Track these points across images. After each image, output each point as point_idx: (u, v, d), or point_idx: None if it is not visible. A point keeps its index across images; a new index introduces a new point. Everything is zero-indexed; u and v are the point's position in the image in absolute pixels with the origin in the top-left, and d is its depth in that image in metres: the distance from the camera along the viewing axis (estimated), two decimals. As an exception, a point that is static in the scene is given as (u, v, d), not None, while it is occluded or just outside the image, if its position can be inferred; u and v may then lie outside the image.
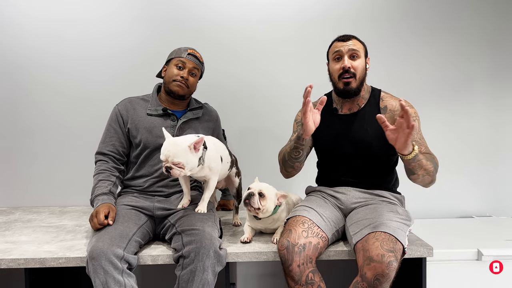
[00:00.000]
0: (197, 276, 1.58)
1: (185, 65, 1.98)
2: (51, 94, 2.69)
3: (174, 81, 1.97)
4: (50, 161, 2.72)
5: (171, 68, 2.00)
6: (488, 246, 2.04)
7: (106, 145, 1.98)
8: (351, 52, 1.86)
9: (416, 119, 1.84)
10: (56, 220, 2.30)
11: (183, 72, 1.98)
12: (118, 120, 2.00)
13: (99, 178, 1.90)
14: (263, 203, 1.80)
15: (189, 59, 1.99)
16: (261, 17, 2.71)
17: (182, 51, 2.01)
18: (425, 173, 1.71)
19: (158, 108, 2.01)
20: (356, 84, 1.86)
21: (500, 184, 2.82)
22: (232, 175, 2.03)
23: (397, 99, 1.90)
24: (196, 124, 2.05)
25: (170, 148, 1.67)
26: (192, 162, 1.69)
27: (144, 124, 1.97)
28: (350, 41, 1.87)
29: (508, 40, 2.77)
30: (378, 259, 1.53)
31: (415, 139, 1.80)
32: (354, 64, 1.85)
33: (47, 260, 1.68)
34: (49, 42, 2.68)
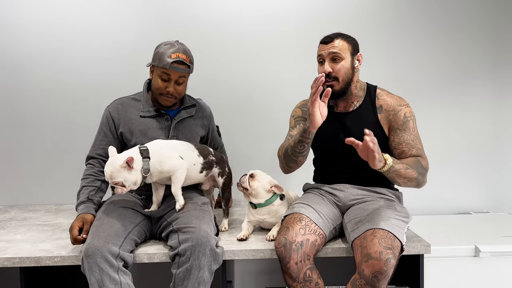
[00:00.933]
0: (193, 274, 1.57)
1: (170, 77, 1.86)
2: (47, 93, 2.68)
3: (161, 95, 1.89)
4: (46, 159, 2.70)
5: (157, 78, 1.88)
6: (486, 242, 2.03)
7: (96, 148, 1.94)
8: (332, 55, 1.81)
9: (410, 119, 1.82)
10: (51, 219, 2.28)
11: (168, 85, 1.87)
12: (109, 124, 1.94)
13: (83, 184, 1.86)
14: (252, 184, 1.83)
15: (174, 70, 1.84)
16: (259, 12, 2.70)
17: (167, 59, 1.84)
18: (406, 180, 1.70)
19: (151, 109, 1.94)
20: (340, 86, 1.83)
21: (498, 181, 2.82)
22: (215, 175, 1.96)
23: (393, 97, 1.88)
24: (190, 123, 2.01)
25: (107, 168, 1.68)
26: (130, 180, 1.68)
27: (138, 127, 1.92)
28: (332, 43, 1.81)
29: (508, 37, 2.76)
30: (376, 256, 1.52)
31: (407, 141, 1.79)
32: (336, 68, 1.81)
33: (42, 259, 1.67)
34: (46, 42, 2.66)
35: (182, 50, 1.88)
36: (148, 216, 1.84)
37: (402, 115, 1.82)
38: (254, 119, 2.74)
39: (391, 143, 1.84)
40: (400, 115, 1.83)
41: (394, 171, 1.65)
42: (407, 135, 1.81)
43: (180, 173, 1.79)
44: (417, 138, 1.82)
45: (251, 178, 1.85)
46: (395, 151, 1.83)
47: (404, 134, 1.81)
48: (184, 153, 1.83)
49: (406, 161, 1.73)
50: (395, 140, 1.82)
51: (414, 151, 1.79)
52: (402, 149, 1.80)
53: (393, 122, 1.83)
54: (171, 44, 1.88)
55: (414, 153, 1.78)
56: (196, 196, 1.91)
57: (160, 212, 1.84)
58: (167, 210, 1.83)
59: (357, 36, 1.88)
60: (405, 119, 1.82)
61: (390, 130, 1.85)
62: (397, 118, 1.83)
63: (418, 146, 1.80)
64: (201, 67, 2.66)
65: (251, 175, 1.86)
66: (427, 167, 1.76)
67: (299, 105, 2.05)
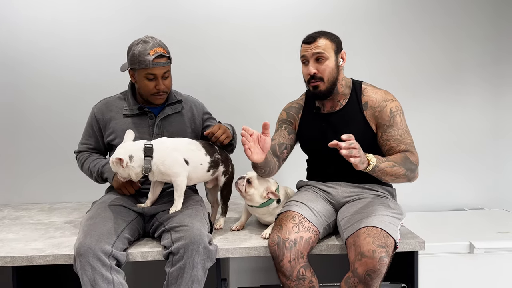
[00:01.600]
0: (186, 273, 1.56)
1: (155, 74, 1.81)
2: (41, 92, 2.66)
3: (153, 95, 1.86)
4: (40, 158, 2.68)
5: (142, 81, 1.83)
6: (480, 238, 2.04)
7: (83, 147, 2.00)
8: (315, 55, 1.78)
9: (397, 113, 1.80)
10: (45, 217, 2.27)
11: (157, 83, 1.83)
12: (93, 124, 1.96)
13: (92, 158, 1.94)
14: (248, 190, 1.80)
15: (157, 66, 1.79)
16: (256, 8, 2.68)
17: (147, 58, 1.77)
18: (393, 178, 1.71)
19: (134, 108, 1.91)
20: (325, 86, 1.81)
21: (493, 177, 2.82)
22: (219, 174, 1.90)
23: (379, 92, 1.85)
24: (178, 119, 1.96)
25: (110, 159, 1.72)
26: (122, 174, 1.70)
27: (121, 126, 1.89)
28: (315, 43, 1.78)
29: (504, 33, 2.76)
30: (369, 254, 1.52)
31: (395, 137, 1.78)
32: (320, 68, 1.79)
33: (34, 258, 1.66)
34: (44, 39, 2.63)
35: (158, 43, 1.82)
36: (141, 213, 1.82)
37: (388, 111, 1.80)
38: (249, 117, 2.72)
39: (379, 140, 1.83)
40: (386, 111, 1.80)
41: (380, 170, 1.65)
42: (394, 131, 1.79)
43: (181, 181, 1.76)
44: (406, 132, 1.80)
45: (248, 184, 1.81)
46: (383, 148, 1.82)
47: (391, 130, 1.79)
48: (190, 154, 1.78)
49: (393, 158, 1.72)
50: (383, 137, 1.81)
51: (403, 146, 1.77)
52: (390, 145, 1.79)
53: (380, 118, 1.81)
54: (143, 42, 1.82)
55: (402, 149, 1.77)
56: (190, 195, 1.90)
57: (153, 210, 1.82)
58: (159, 209, 1.81)
59: (355, 32, 1.88)
60: (392, 114, 1.80)
61: (378, 126, 1.83)
62: (383, 114, 1.80)
63: (406, 141, 1.79)
64: (196, 65, 2.66)
65: (248, 180, 1.82)
66: (416, 162, 1.76)
67: (286, 107, 2.03)
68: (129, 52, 1.84)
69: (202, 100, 2.13)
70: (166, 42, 1.90)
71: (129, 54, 1.84)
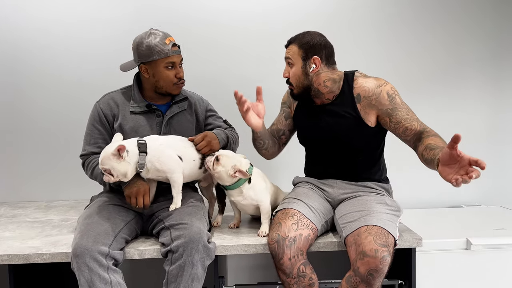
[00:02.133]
0: (186, 271, 1.55)
1: (174, 63, 1.81)
2: (39, 90, 2.64)
3: (174, 84, 1.83)
4: (37, 156, 2.66)
5: (162, 72, 1.80)
6: (477, 235, 2.04)
7: (92, 147, 1.86)
8: (287, 60, 1.82)
9: (395, 95, 1.76)
10: (41, 215, 2.26)
11: (177, 72, 1.82)
12: (101, 120, 1.86)
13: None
14: (216, 167, 1.73)
15: (176, 53, 1.80)
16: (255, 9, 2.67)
17: (165, 47, 1.77)
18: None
19: (142, 105, 1.86)
20: (297, 90, 1.83)
21: (490, 174, 2.81)
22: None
23: (369, 80, 1.79)
24: (183, 118, 1.93)
25: (102, 153, 1.67)
26: (119, 169, 1.64)
27: (129, 124, 1.84)
28: (288, 48, 1.82)
29: (505, 28, 2.76)
30: (371, 254, 1.52)
31: (405, 117, 1.73)
32: (291, 73, 1.82)
33: (31, 256, 1.65)
34: (42, 39, 2.61)
35: (167, 33, 1.83)
36: (139, 213, 1.81)
37: (385, 95, 1.75)
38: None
39: (390, 125, 1.77)
40: (383, 96, 1.75)
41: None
42: (400, 112, 1.74)
43: (177, 177, 1.75)
44: (410, 111, 1.77)
45: (216, 162, 1.73)
46: (398, 131, 1.76)
47: (397, 112, 1.75)
48: (183, 150, 1.78)
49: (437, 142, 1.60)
50: (393, 121, 1.75)
51: (415, 124, 1.72)
52: (405, 125, 1.73)
53: (379, 105, 1.76)
54: (153, 34, 1.80)
55: (417, 127, 1.71)
56: (189, 193, 1.89)
57: (152, 209, 1.81)
58: (159, 208, 1.81)
59: (354, 27, 1.86)
60: (390, 97, 1.75)
61: (380, 114, 1.77)
62: (382, 100, 1.75)
63: (415, 117, 1.75)
64: (196, 67, 2.64)
65: (217, 158, 1.74)
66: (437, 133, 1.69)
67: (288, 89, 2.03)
68: (139, 47, 1.79)
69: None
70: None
71: (139, 49, 1.79)
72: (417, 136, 1.71)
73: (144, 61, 1.80)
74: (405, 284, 1.81)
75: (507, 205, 2.67)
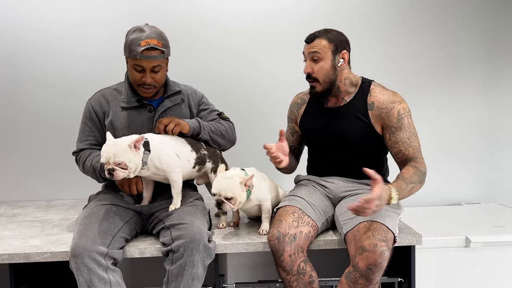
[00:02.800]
0: (186, 271, 1.55)
1: (143, 67, 1.73)
2: (38, 89, 2.64)
3: (139, 86, 1.79)
4: (37, 155, 2.66)
5: (130, 70, 1.77)
6: (477, 233, 2.05)
7: (83, 144, 1.87)
8: (312, 55, 1.77)
9: (405, 116, 1.77)
10: (42, 214, 2.26)
11: (144, 76, 1.75)
12: (92, 117, 1.85)
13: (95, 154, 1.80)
14: (233, 203, 1.66)
15: (146, 59, 1.71)
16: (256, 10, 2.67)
17: (136, 48, 1.70)
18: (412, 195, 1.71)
19: (133, 100, 1.83)
20: (321, 87, 1.80)
21: (489, 171, 2.84)
22: (208, 171, 1.90)
23: (387, 93, 1.81)
24: (177, 111, 1.89)
25: (109, 149, 1.61)
26: (135, 162, 1.62)
27: (120, 120, 1.83)
28: (312, 42, 1.77)
29: (503, 27, 2.77)
30: (370, 248, 1.52)
31: (403, 140, 1.75)
32: (315, 68, 1.78)
33: (31, 255, 1.65)
34: (42, 38, 2.61)
35: (153, 34, 1.73)
36: (139, 212, 1.81)
37: (395, 113, 1.77)
38: (251, 119, 2.72)
39: (388, 142, 1.80)
40: (393, 113, 1.77)
41: (401, 199, 1.64)
42: (402, 133, 1.76)
43: (177, 176, 1.75)
44: (413, 135, 1.78)
45: (230, 201, 1.66)
46: (392, 150, 1.81)
47: (399, 133, 1.76)
48: (178, 150, 1.77)
49: (408, 176, 1.68)
50: (391, 139, 1.78)
51: (411, 150, 1.75)
52: (399, 148, 1.77)
53: (387, 120, 1.78)
54: (139, 30, 1.74)
55: (410, 153, 1.75)
56: (188, 192, 1.89)
57: (152, 209, 1.81)
58: (158, 208, 1.80)
59: (355, 27, 1.87)
60: (399, 116, 1.76)
61: (385, 128, 1.80)
62: (391, 116, 1.77)
63: (414, 144, 1.76)
64: (195, 67, 2.65)
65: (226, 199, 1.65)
66: (425, 170, 1.74)
67: (292, 102, 2.05)
68: (125, 38, 1.78)
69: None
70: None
71: (125, 40, 1.78)
72: (405, 162, 1.77)
73: (124, 53, 1.79)
74: (404, 282, 1.82)
75: (506, 203, 2.68)
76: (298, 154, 2.07)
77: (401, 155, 1.77)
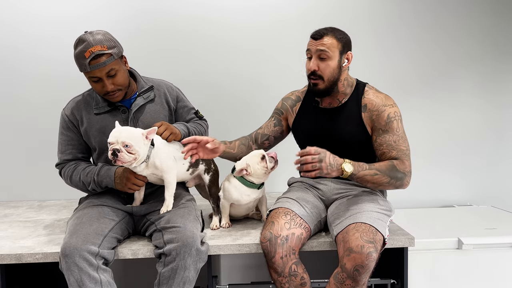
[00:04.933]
0: (178, 274, 1.55)
1: (98, 77, 1.68)
2: (30, 89, 2.62)
3: (105, 95, 1.74)
4: (29, 154, 2.65)
5: (91, 83, 1.73)
6: (469, 235, 2.06)
7: (65, 154, 1.84)
8: (319, 52, 1.75)
9: (394, 119, 1.77)
10: (34, 215, 2.25)
11: (104, 84, 1.69)
12: (69, 126, 1.82)
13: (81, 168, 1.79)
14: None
15: (95, 68, 1.65)
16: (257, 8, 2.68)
17: (83, 61, 1.65)
18: (375, 185, 1.70)
19: (104, 105, 1.79)
20: (324, 85, 1.79)
21: (481, 173, 2.85)
22: (201, 173, 1.89)
23: (380, 96, 1.82)
24: (151, 108, 1.85)
25: (123, 130, 1.61)
26: (143, 151, 1.63)
27: (95, 126, 1.79)
28: (321, 40, 1.75)
29: (499, 28, 2.78)
30: (357, 250, 1.53)
31: (389, 142, 1.75)
32: (321, 66, 1.76)
33: (23, 256, 1.64)
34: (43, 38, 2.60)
35: (94, 41, 1.65)
36: (130, 213, 1.80)
37: (385, 115, 1.77)
38: (243, 115, 2.72)
39: (374, 144, 1.80)
40: (383, 115, 1.77)
41: (358, 177, 1.66)
42: (389, 136, 1.75)
43: (173, 178, 1.75)
44: (401, 139, 1.76)
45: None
46: (377, 152, 1.80)
47: (386, 135, 1.76)
48: (175, 153, 1.77)
49: (378, 165, 1.69)
50: (377, 141, 1.78)
51: (394, 153, 1.73)
52: (383, 150, 1.77)
53: (376, 122, 1.78)
54: (81, 41, 1.66)
55: (393, 155, 1.74)
56: (180, 193, 1.88)
57: (143, 210, 1.80)
58: (150, 209, 1.79)
59: (351, 28, 1.88)
60: (388, 119, 1.77)
61: (373, 130, 1.80)
62: (380, 119, 1.77)
63: (400, 147, 1.74)
64: (190, 64, 2.65)
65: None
66: (404, 170, 1.71)
67: (285, 97, 2.03)
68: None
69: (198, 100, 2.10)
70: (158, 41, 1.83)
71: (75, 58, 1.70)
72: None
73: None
74: (397, 283, 1.83)
75: (498, 205, 2.70)
76: (266, 148, 2.01)
77: (384, 157, 1.76)
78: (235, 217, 1.98)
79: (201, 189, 2.03)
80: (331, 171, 1.61)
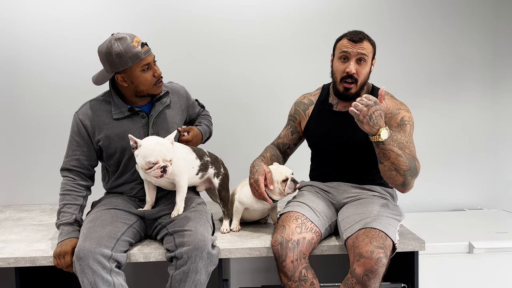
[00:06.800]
0: (190, 277, 1.57)
1: (149, 63, 1.74)
2: (43, 91, 2.65)
3: (155, 85, 1.78)
4: (42, 159, 2.68)
5: (140, 76, 1.74)
6: (480, 239, 2.05)
7: (70, 159, 1.83)
8: (359, 56, 1.75)
9: (408, 123, 1.77)
10: (47, 218, 2.27)
11: (153, 72, 1.76)
12: (81, 132, 1.81)
13: (64, 201, 1.78)
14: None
15: (147, 53, 1.73)
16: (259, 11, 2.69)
17: (135, 50, 1.69)
18: (393, 167, 1.60)
19: (124, 109, 1.80)
20: (356, 89, 1.80)
21: (491, 177, 2.84)
22: (211, 176, 1.91)
23: (394, 101, 1.83)
24: (169, 113, 1.89)
25: (159, 148, 1.64)
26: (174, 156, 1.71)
27: (115, 131, 1.79)
28: (361, 43, 1.75)
29: (506, 28, 2.77)
30: (367, 255, 1.53)
31: (401, 141, 1.72)
32: (359, 70, 1.77)
33: (37, 259, 1.67)
34: (43, 38, 2.63)
35: (129, 35, 1.73)
36: (142, 217, 1.81)
37: (399, 118, 1.77)
38: (252, 117, 2.73)
39: None
40: (396, 117, 1.78)
41: (385, 148, 1.59)
42: (401, 136, 1.75)
43: (184, 182, 1.77)
44: (411, 142, 1.76)
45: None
46: None
47: (398, 134, 1.75)
48: (186, 157, 1.80)
49: (404, 152, 1.65)
50: None
51: (407, 151, 1.72)
52: None
53: (388, 124, 1.76)
54: (119, 39, 1.70)
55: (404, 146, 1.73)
56: (191, 196, 1.89)
57: (154, 214, 1.81)
58: (161, 213, 1.81)
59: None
60: (402, 121, 1.77)
61: None
62: (393, 120, 1.78)
63: (411, 148, 1.74)
64: (197, 65, 2.67)
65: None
66: (418, 170, 1.69)
67: (297, 101, 2.05)
68: (109, 57, 1.70)
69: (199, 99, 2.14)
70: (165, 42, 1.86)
71: (110, 59, 1.70)
72: None
73: (118, 70, 1.73)
74: (408, 287, 1.82)
75: (509, 209, 2.68)
76: (287, 155, 2.06)
77: None
78: (246, 221, 1.99)
79: (212, 193, 2.04)
80: (366, 122, 1.55)
